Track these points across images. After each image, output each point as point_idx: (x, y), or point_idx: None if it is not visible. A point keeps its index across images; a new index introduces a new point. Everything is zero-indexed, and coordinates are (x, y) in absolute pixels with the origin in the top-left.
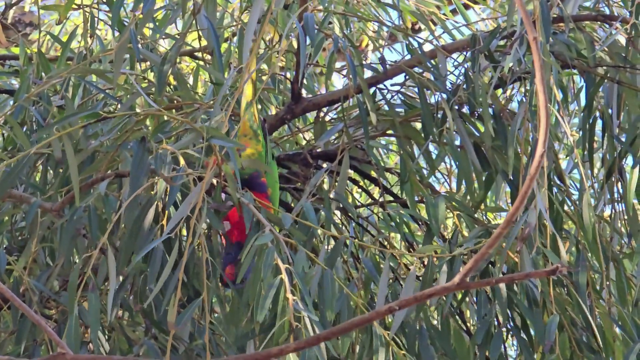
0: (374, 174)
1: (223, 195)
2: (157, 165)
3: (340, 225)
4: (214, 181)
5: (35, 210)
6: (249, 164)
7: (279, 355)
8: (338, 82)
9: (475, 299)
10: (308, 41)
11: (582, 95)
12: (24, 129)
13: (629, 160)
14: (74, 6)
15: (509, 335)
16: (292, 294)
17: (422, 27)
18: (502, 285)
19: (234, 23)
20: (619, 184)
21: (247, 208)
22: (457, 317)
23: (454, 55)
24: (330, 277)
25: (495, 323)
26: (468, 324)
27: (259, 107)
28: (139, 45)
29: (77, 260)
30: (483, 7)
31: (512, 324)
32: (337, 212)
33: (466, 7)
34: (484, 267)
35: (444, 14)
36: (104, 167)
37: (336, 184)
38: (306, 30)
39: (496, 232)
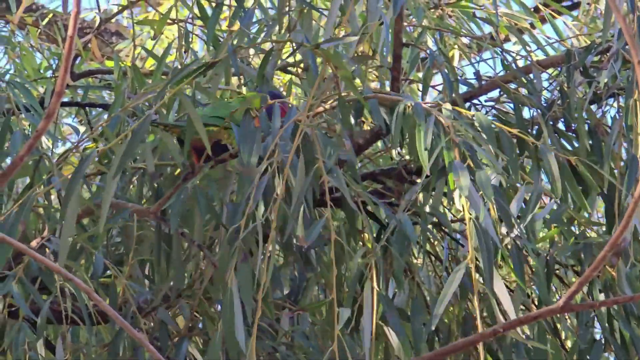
0: None
1: None
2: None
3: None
4: None
5: (130, 212)
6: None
7: None
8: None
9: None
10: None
11: None
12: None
13: None
14: (168, 21)
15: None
16: None
17: (512, 39)
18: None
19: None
20: None
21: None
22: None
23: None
24: None
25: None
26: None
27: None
28: None
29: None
30: (576, 23)
31: (609, 335)
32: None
33: (554, 16)
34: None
35: (531, 24)
36: None
37: (431, 199)
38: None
39: (601, 254)
